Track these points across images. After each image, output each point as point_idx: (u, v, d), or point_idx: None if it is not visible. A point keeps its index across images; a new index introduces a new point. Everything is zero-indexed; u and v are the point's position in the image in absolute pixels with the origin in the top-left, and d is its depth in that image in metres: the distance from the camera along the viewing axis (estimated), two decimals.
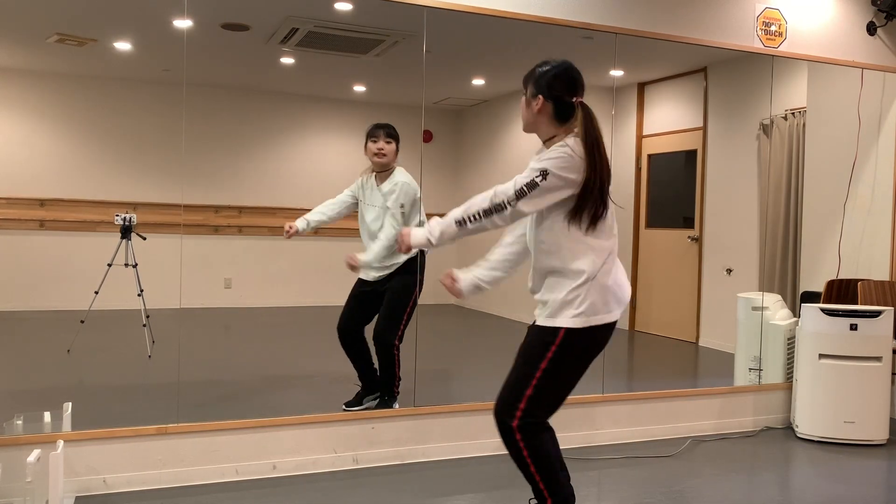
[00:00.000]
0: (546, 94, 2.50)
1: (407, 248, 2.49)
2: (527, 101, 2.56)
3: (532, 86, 2.55)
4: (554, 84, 2.50)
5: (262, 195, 5.48)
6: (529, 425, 2.43)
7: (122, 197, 5.11)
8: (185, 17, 3.41)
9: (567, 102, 2.48)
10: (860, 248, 4.86)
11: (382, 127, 3.90)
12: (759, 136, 5.26)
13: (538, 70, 2.57)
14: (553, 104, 2.49)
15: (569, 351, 2.42)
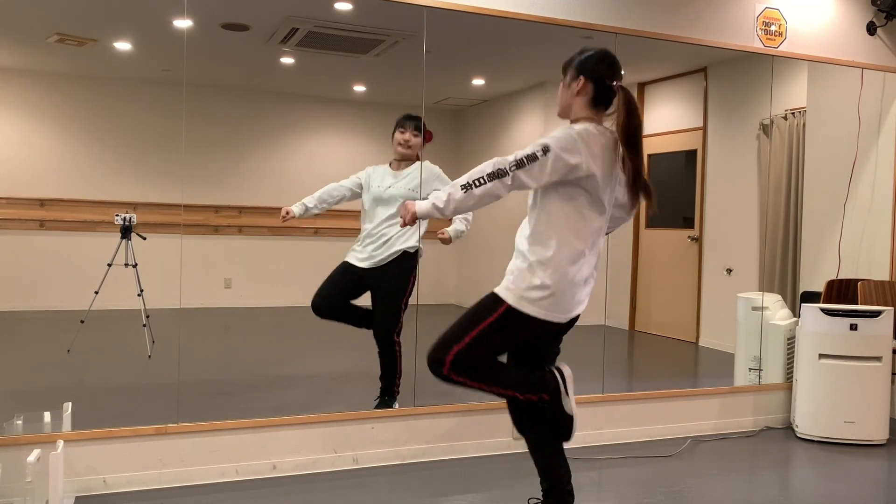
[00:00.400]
0: (588, 74, 2.51)
1: (412, 218, 2.46)
2: (566, 84, 2.58)
3: (573, 69, 2.56)
4: (597, 66, 2.52)
5: (262, 195, 5.48)
6: (461, 368, 2.48)
7: (122, 197, 5.11)
8: (185, 17, 3.41)
9: (608, 86, 2.51)
10: (860, 248, 4.86)
11: (412, 119, 3.91)
12: (759, 136, 5.26)
13: (581, 56, 2.58)
14: (594, 86, 2.51)
15: (507, 324, 2.47)
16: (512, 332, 2.50)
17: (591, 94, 2.52)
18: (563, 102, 2.59)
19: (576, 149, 2.38)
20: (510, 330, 2.49)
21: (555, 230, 2.46)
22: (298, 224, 5.49)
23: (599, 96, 2.52)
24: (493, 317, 2.48)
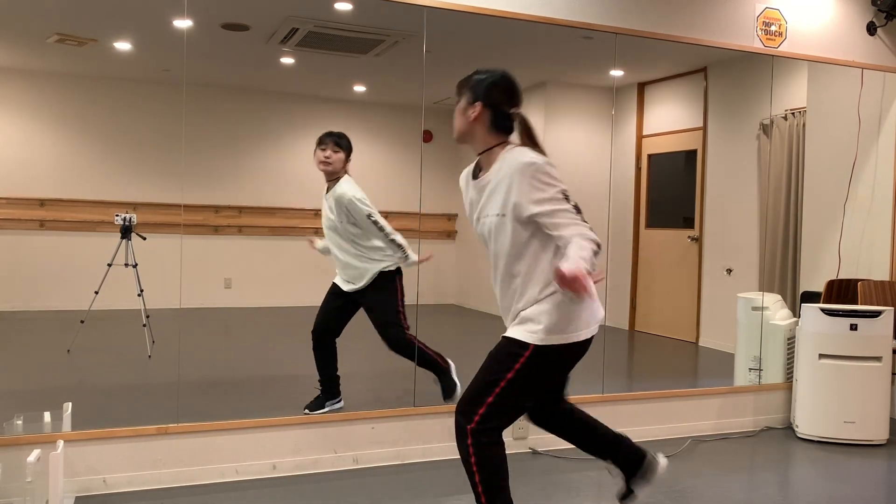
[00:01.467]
0: (484, 100, 2.44)
1: (582, 283, 2.21)
2: (462, 109, 2.50)
3: (469, 92, 2.48)
4: (492, 92, 2.45)
5: (262, 195, 5.48)
6: (484, 431, 2.38)
7: (122, 197, 5.11)
8: (185, 17, 3.41)
9: (505, 112, 2.45)
10: (860, 248, 4.86)
11: (330, 135, 3.90)
12: (759, 136, 5.26)
13: (475, 77, 2.51)
14: (491, 112, 2.44)
15: (535, 365, 2.39)
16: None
17: (489, 121, 2.44)
18: (461, 128, 2.51)
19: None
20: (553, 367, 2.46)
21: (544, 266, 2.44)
22: (298, 224, 5.50)
23: (497, 123, 2.45)
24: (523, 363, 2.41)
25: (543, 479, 3.46)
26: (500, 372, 2.39)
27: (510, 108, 2.45)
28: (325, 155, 3.87)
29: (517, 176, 2.33)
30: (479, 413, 2.37)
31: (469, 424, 2.37)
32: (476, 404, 2.39)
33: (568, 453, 3.84)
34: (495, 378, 2.39)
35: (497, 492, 2.41)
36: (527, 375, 2.39)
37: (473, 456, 2.38)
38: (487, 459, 2.39)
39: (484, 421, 2.37)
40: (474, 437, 2.37)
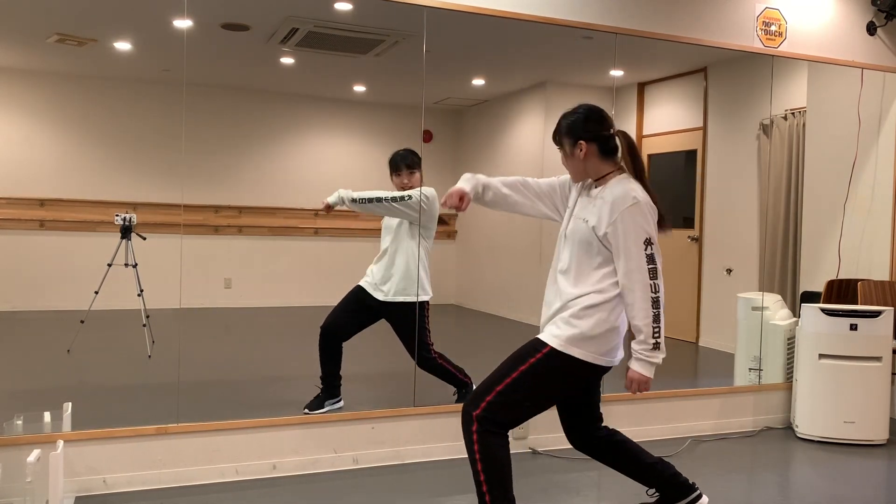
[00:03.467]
0: (586, 137, 2.55)
1: (647, 385, 2.52)
2: (568, 153, 2.59)
3: (568, 136, 2.58)
4: (588, 126, 2.56)
5: (262, 195, 5.48)
6: (488, 420, 2.44)
7: (122, 197, 5.11)
8: (185, 17, 3.41)
9: (607, 136, 2.56)
10: (860, 248, 4.86)
11: (403, 159, 3.85)
12: (759, 136, 5.26)
13: (566, 121, 2.61)
14: (597, 144, 2.55)
15: (546, 367, 2.48)
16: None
17: (598, 152, 2.56)
18: (576, 169, 2.60)
19: (651, 212, 2.52)
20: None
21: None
22: (298, 224, 5.50)
23: (606, 150, 2.56)
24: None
25: (543, 479, 3.46)
26: (515, 365, 2.49)
27: (609, 131, 2.57)
28: (404, 182, 3.84)
29: (619, 207, 2.47)
30: (487, 400, 2.45)
31: (475, 410, 2.44)
32: (485, 392, 2.47)
33: (568, 453, 3.84)
34: (508, 370, 2.49)
35: (499, 486, 2.44)
36: (535, 374, 2.47)
37: (477, 444, 2.44)
38: (491, 451, 2.44)
39: (489, 409, 2.44)
40: (479, 424, 2.43)
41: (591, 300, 2.48)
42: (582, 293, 2.50)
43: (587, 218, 2.54)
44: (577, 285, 2.51)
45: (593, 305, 2.47)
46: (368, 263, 4.01)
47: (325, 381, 3.88)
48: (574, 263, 2.54)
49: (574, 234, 2.56)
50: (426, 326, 3.89)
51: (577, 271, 2.52)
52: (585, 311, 2.47)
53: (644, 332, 2.45)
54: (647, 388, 2.50)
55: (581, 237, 2.53)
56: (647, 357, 2.47)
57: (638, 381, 2.49)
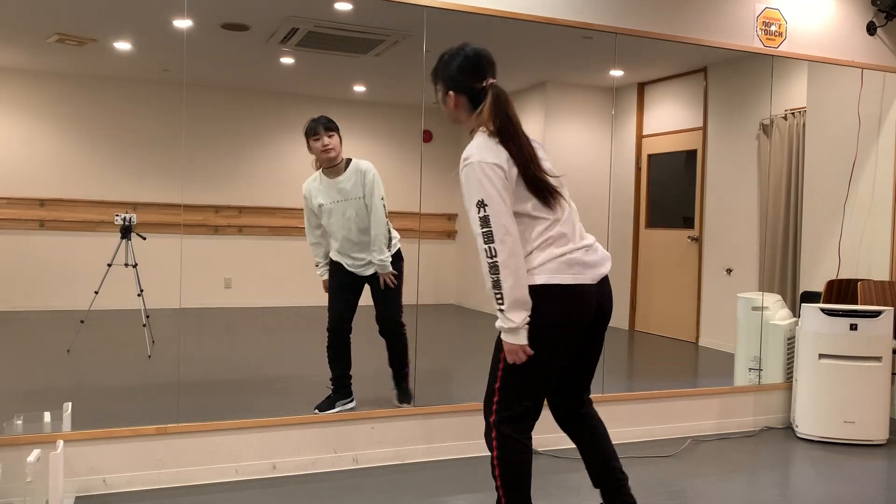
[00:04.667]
0: (455, 87, 2.40)
1: (523, 353, 2.35)
2: (441, 99, 2.47)
3: (441, 83, 2.45)
4: (460, 77, 2.40)
5: (262, 195, 5.48)
6: (505, 421, 2.40)
7: (122, 197, 5.11)
8: (185, 17, 3.41)
9: (479, 89, 2.38)
10: (860, 248, 4.86)
11: (318, 121, 3.82)
12: (759, 136, 5.26)
13: (441, 63, 2.45)
14: (466, 96, 2.40)
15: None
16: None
17: (468, 105, 2.41)
18: (449, 116, 2.49)
19: (489, 173, 2.28)
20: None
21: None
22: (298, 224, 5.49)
23: (478, 103, 2.39)
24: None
25: (543, 479, 3.46)
26: (496, 357, 2.45)
27: (481, 84, 2.39)
28: (324, 143, 3.78)
29: (459, 170, 2.34)
30: (495, 402, 2.42)
31: (490, 417, 2.43)
32: (490, 395, 2.45)
33: (568, 453, 3.84)
34: (494, 365, 2.46)
35: (516, 491, 2.42)
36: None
37: (496, 450, 2.41)
38: (508, 457, 2.41)
39: (501, 409, 2.41)
40: (497, 430, 2.41)
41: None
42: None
43: None
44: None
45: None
46: None
47: (336, 381, 3.89)
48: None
49: None
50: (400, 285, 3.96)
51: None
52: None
53: (491, 297, 2.34)
54: (515, 357, 2.33)
55: None
56: (500, 323, 2.34)
57: (507, 350, 2.35)
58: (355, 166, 3.86)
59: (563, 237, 2.38)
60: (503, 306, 2.29)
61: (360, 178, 3.83)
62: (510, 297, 2.27)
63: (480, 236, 2.28)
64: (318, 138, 3.78)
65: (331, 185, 3.87)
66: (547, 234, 2.35)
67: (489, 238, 2.26)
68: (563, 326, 2.38)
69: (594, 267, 2.40)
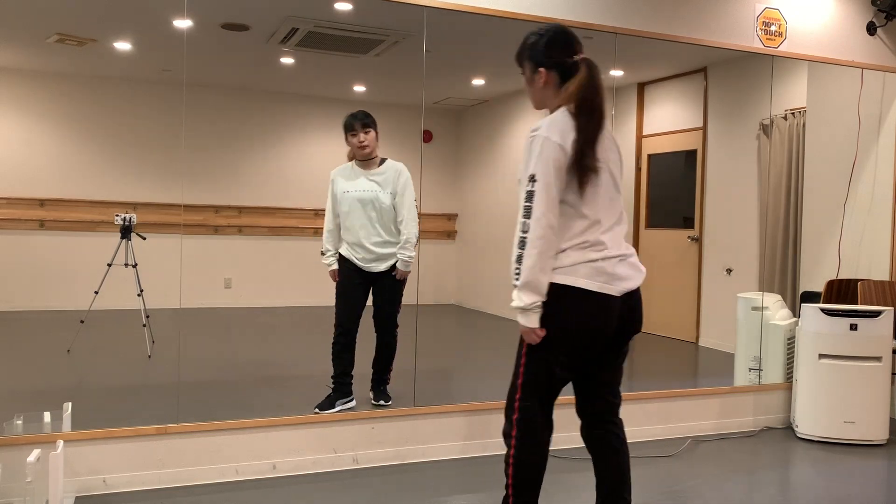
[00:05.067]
0: (546, 63, 2.37)
1: (535, 336, 2.32)
2: (528, 79, 2.43)
3: (529, 61, 2.41)
4: (552, 52, 2.37)
5: (262, 195, 5.48)
6: (526, 418, 2.38)
7: (122, 197, 5.11)
8: (185, 17, 3.41)
9: (570, 64, 2.35)
10: (860, 248, 4.86)
11: (355, 118, 3.95)
12: (759, 136, 5.26)
13: (529, 42, 2.42)
14: (557, 72, 2.37)
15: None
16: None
17: (558, 82, 2.37)
18: (534, 97, 2.45)
19: (552, 147, 2.26)
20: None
21: None
22: (298, 224, 5.50)
23: (567, 78, 2.35)
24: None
25: (543, 479, 3.46)
26: (519, 354, 2.41)
27: (573, 59, 2.35)
28: (360, 140, 3.91)
29: (525, 141, 2.32)
30: (518, 399, 2.38)
31: (514, 414, 2.39)
32: (510, 411, 2.41)
33: (568, 453, 3.84)
34: (517, 361, 2.42)
35: (526, 490, 2.40)
36: (533, 351, 2.37)
37: (514, 448, 2.38)
38: (524, 456, 2.38)
39: (522, 422, 2.37)
40: (518, 429, 2.37)
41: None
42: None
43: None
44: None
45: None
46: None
47: (337, 380, 3.91)
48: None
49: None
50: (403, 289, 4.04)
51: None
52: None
53: (511, 271, 2.30)
54: (529, 337, 2.31)
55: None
56: (512, 301, 2.30)
57: (519, 331, 2.35)
58: (392, 165, 3.99)
59: (601, 244, 2.34)
60: (517, 283, 2.27)
61: (394, 176, 3.94)
62: (526, 276, 2.25)
63: (521, 209, 2.27)
64: (354, 133, 3.92)
65: (362, 175, 3.97)
66: (586, 237, 2.33)
67: (527, 213, 2.25)
68: (582, 331, 2.35)
69: (623, 280, 2.36)
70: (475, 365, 5.16)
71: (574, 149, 2.27)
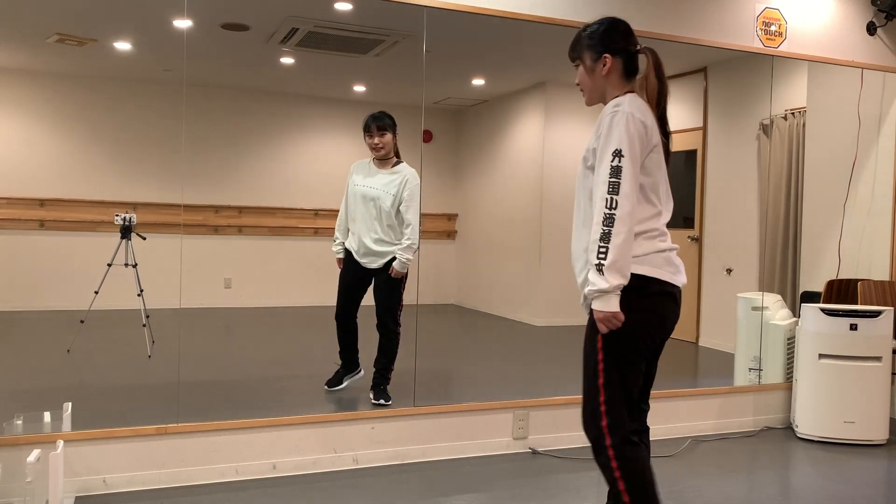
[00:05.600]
0: (612, 49, 2.33)
1: (612, 321, 2.20)
2: (589, 69, 2.36)
3: (590, 50, 2.35)
4: (615, 38, 2.34)
5: (262, 195, 5.48)
6: (615, 429, 2.25)
7: (122, 197, 5.11)
8: (185, 17, 3.41)
9: (634, 52, 2.35)
10: (860, 248, 4.86)
11: (374, 119, 4.08)
12: (759, 136, 5.26)
13: (588, 32, 2.37)
14: (622, 59, 2.34)
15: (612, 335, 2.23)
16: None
17: (622, 69, 2.34)
18: (594, 88, 2.38)
19: (640, 124, 2.22)
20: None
21: None
22: (298, 224, 5.50)
23: (630, 68, 2.35)
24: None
25: (543, 479, 3.46)
26: (593, 370, 2.27)
27: (636, 47, 2.35)
28: (375, 142, 4.06)
29: (603, 116, 2.25)
30: (604, 425, 2.25)
31: (604, 440, 2.25)
32: (597, 417, 2.27)
33: (568, 453, 3.84)
34: (592, 380, 2.27)
35: (645, 495, 2.27)
36: (611, 348, 2.26)
37: (617, 469, 2.25)
38: (630, 465, 2.25)
39: (611, 426, 2.25)
40: (615, 450, 2.24)
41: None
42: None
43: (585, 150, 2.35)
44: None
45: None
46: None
47: (344, 357, 4.10)
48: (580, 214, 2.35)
49: (579, 177, 2.38)
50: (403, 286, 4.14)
51: (586, 219, 2.31)
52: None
53: (591, 252, 2.19)
54: (608, 324, 2.19)
55: (580, 175, 2.36)
56: (591, 283, 2.18)
57: (596, 318, 2.21)
58: (403, 169, 4.11)
59: (665, 234, 2.30)
60: (604, 262, 2.14)
61: (401, 181, 4.04)
62: (615, 255, 2.14)
63: (605, 184, 2.16)
64: (370, 135, 4.08)
65: (375, 171, 4.12)
66: (653, 225, 2.27)
67: (614, 189, 2.15)
68: (660, 325, 2.31)
69: (682, 273, 2.34)
70: (475, 365, 5.16)
71: (652, 132, 2.25)
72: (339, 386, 3.98)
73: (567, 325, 5.71)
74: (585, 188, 2.32)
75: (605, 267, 2.14)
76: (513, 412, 3.86)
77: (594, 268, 2.16)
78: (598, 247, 2.15)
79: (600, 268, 2.15)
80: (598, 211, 2.17)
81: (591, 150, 2.28)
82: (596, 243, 2.16)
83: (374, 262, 4.05)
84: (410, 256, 4.00)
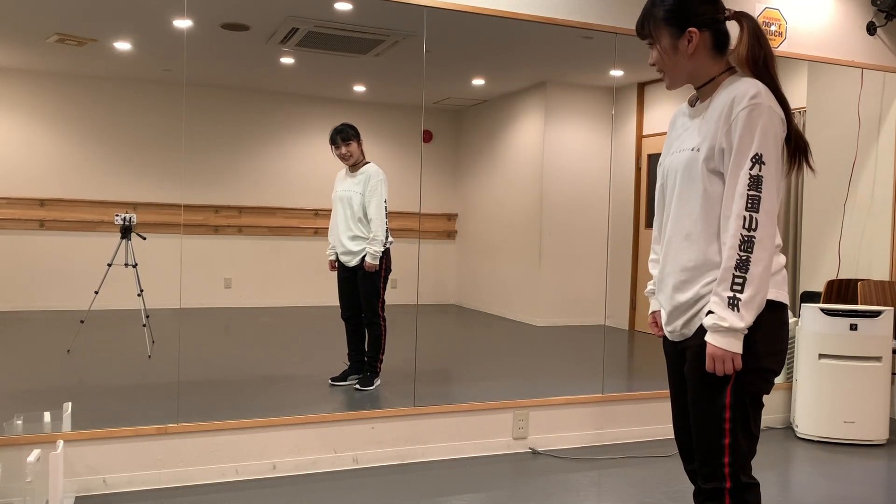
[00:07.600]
0: (697, 22, 1.89)
1: (730, 365, 1.82)
2: (670, 49, 1.92)
3: (668, 25, 1.91)
4: (698, 6, 1.90)
5: (262, 195, 5.48)
6: (738, 482, 1.91)
7: (122, 197, 5.11)
8: (185, 17, 3.41)
9: (722, 20, 1.92)
10: (860, 248, 4.86)
11: (337, 132, 4.39)
12: None
13: (656, 6, 1.93)
14: (711, 32, 1.91)
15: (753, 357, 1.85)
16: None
17: (711, 44, 1.91)
18: (679, 69, 1.95)
19: (777, 116, 1.87)
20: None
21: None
22: (298, 224, 5.50)
23: (721, 42, 1.93)
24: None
25: (543, 479, 3.46)
26: (718, 407, 1.90)
27: (725, 15, 1.93)
28: (341, 153, 4.37)
29: (735, 110, 1.83)
30: (727, 464, 1.90)
31: (724, 482, 1.91)
32: (716, 457, 1.91)
33: (568, 453, 3.84)
34: (717, 420, 1.90)
35: None
36: (741, 398, 1.88)
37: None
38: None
39: (735, 469, 1.90)
40: (734, 496, 1.90)
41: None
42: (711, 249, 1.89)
43: (685, 146, 1.97)
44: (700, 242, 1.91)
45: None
46: None
47: (352, 357, 4.36)
48: (683, 214, 1.94)
49: (677, 175, 1.96)
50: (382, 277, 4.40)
51: (692, 224, 1.92)
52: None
53: (722, 281, 1.80)
54: (723, 366, 1.81)
55: (684, 171, 1.94)
56: (719, 317, 1.79)
57: (711, 354, 1.82)
58: (367, 168, 4.36)
59: (780, 245, 1.93)
60: (741, 296, 1.78)
61: (365, 179, 4.32)
62: (755, 288, 1.78)
63: (743, 198, 1.79)
64: (337, 147, 4.37)
65: (347, 179, 4.43)
66: (778, 239, 1.90)
67: (754, 205, 1.78)
68: (784, 353, 1.94)
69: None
70: (475, 365, 5.16)
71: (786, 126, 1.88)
72: (343, 382, 4.24)
73: (567, 325, 5.71)
74: (696, 192, 1.90)
75: (742, 302, 1.78)
76: (513, 412, 3.86)
77: (725, 299, 1.80)
78: (734, 276, 1.79)
79: (735, 303, 1.78)
80: (732, 231, 1.80)
81: (719, 149, 1.86)
82: (730, 271, 1.79)
83: (352, 260, 4.33)
84: (378, 249, 4.25)
